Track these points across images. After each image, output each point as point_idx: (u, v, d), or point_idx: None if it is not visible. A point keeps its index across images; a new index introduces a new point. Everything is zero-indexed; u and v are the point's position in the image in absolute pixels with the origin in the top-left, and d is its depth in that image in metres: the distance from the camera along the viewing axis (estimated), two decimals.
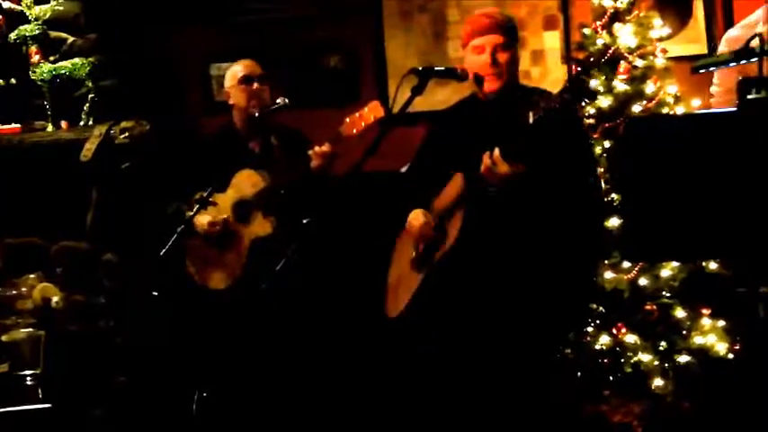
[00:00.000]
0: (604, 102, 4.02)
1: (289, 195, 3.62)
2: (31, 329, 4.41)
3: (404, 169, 3.50)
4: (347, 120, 3.40)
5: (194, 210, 3.54)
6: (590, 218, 3.15)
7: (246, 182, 3.72)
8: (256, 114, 3.76)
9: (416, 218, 3.09)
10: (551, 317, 2.97)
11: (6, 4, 4.78)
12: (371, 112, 3.35)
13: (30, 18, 4.73)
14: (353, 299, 4.07)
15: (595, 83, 4.03)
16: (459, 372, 3.01)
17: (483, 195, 2.87)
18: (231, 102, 3.87)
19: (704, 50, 4.67)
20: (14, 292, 4.50)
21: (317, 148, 3.53)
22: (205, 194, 3.55)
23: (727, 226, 2.13)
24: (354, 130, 3.38)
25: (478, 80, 3.02)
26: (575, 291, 3.05)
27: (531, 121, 2.74)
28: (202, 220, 3.71)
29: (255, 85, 3.81)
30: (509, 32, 3.03)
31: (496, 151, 2.79)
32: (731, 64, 2.68)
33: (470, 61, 3.04)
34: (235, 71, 3.87)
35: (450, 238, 2.95)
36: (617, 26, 4.08)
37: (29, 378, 4.27)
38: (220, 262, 3.75)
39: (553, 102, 2.71)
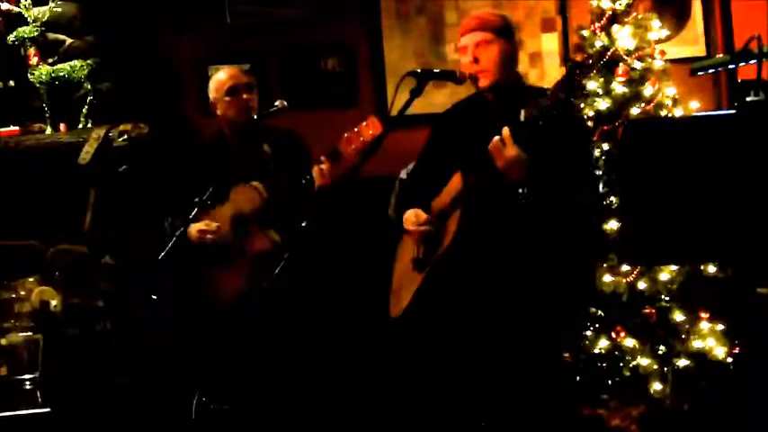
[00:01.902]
0: (602, 104, 4.01)
1: (286, 206, 3.55)
2: (29, 333, 4.40)
3: (405, 170, 3.49)
4: (345, 136, 3.28)
5: (193, 212, 3.51)
6: (585, 217, 3.15)
7: (243, 197, 3.65)
8: (255, 116, 3.71)
9: (408, 219, 3.09)
10: (548, 316, 2.96)
11: (5, 6, 4.77)
12: (369, 127, 3.28)
13: (28, 20, 4.72)
14: (357, 300, 4.07)
15: (594, 85, 4.02)
16: (458, 371, 3.01)
17: (480, 193, 2.87)
18: (219, 113, 3.78)
19: (702, 52, 4.68)
20: (12, 295, 4.49)
21: (316, 168, 3.46)
22: (204, 197, 3.53)
23: (726, 229, 2.12)
24: (353, 147, 3.30)
25: (474, 80, 3.03)
26: (571, 290, 3.04)
27: (522, 119, 2.74)
28: (193, 231, 3.64)
29: (245, 96, 3.71)
30: (494, 29, 3.02)
31: (506, 131, 2.77)
32: (729, 66, 2.69)
33: (461, 63, 3.07)
34: (220, 81, 3.76)
35: (448, 237, 2.95)
36: (615, 28, 4.07)
37: (27, 382, 4.26)
38: (225, 278, 3.71)
39: (545, 100, 2.71)
